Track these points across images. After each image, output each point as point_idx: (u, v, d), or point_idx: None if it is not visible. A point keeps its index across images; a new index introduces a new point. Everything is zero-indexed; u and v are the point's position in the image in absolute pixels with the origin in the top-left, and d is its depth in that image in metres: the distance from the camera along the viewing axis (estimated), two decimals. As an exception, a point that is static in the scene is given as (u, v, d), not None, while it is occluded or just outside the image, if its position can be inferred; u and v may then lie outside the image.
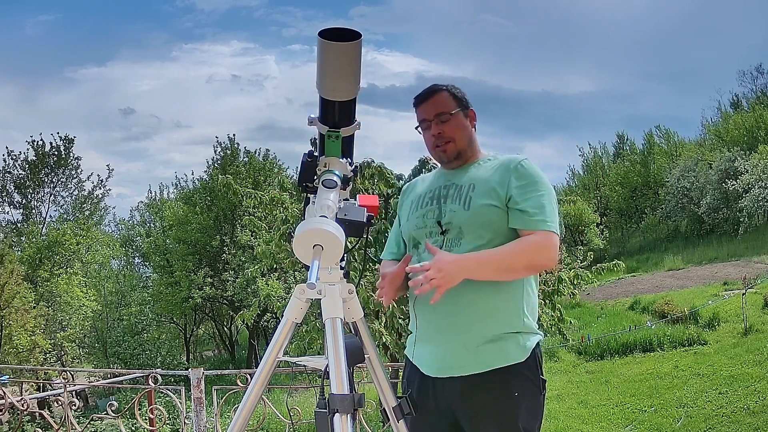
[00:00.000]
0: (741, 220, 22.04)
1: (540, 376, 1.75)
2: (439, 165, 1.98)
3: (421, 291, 1.61)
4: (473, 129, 1.89)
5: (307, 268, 1.38)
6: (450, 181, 1.86)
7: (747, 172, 22.16)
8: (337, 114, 1.62)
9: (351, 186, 1.68)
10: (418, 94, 1.87)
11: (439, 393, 1.76)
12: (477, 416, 1.72)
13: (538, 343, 1.78)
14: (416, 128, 1.88)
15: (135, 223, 25.05)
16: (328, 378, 1.44)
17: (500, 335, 1.72)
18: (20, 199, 19.28)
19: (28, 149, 19.15)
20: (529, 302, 1.79)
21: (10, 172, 19.09)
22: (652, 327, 12.72)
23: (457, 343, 1.73)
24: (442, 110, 1.82)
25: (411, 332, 1.91)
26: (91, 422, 6.87)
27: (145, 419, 4.29)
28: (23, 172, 19.21)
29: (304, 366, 1.79)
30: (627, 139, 34.49)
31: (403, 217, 1.96)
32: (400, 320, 6.81)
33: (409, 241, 1.90)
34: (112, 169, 21.14)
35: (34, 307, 15.27)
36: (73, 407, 3.69)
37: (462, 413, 1.74)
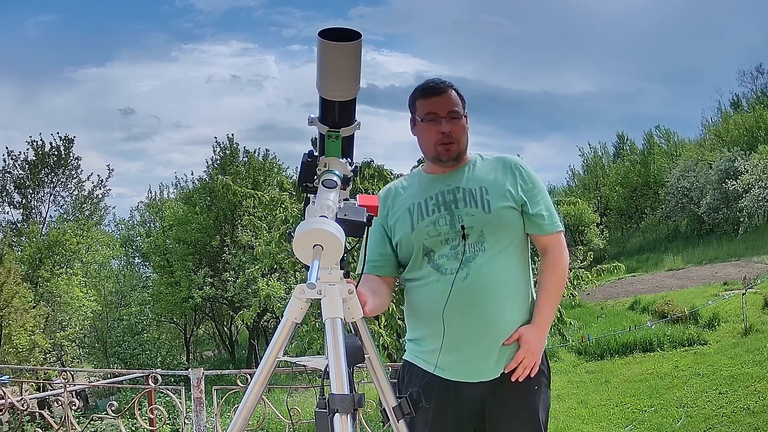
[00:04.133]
0: (741, 220, 22.05)
1: (549, 370, 1.86)
2: (418, 167, 2.00)
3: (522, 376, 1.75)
4: None
5: (307, 268, 1.38)
6: (450, 185, 1.84)
7: (747, 172, 22.18)
8: (337, 114, 1.62)
9: (351, 186, 1.68)
10: (429, 86, 1.84)
11: (464, 397, 1.78)
12: (503, 413, 1.77)
13: None
14: (419, 119, 1.84)
15: (135, 223, 25.06)
16: (328, 378, 1.44)
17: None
18: (20, 199, 19.29)
19: (27, 149, 19.19)
20: (533, 297, 1.87)
21: (10, 172, 19.12)
22: (652, 327, 12.72)
23: (490, 347, 1.76)
24: (455, 108, 1.82)
25: (420, 341, 1.87)
26: (91, 422, 6.86)
27: (145, 419, 4.29)
28: (23, 172, 19.22)
29: (304, 366, 1.79)
30: (627, 139, 34.57)
31: (401, 228, 1.88)
32: (399, 321, 6.81)
33: (420, 251, 1.84)
34: (112, 170, 21.16)
35: (34, 307, 15.28)
36: (73, 407, 3.69)
37: (488, 411, 1.78)
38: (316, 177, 1.63)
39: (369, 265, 1.91)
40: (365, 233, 1.63)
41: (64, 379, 3.99)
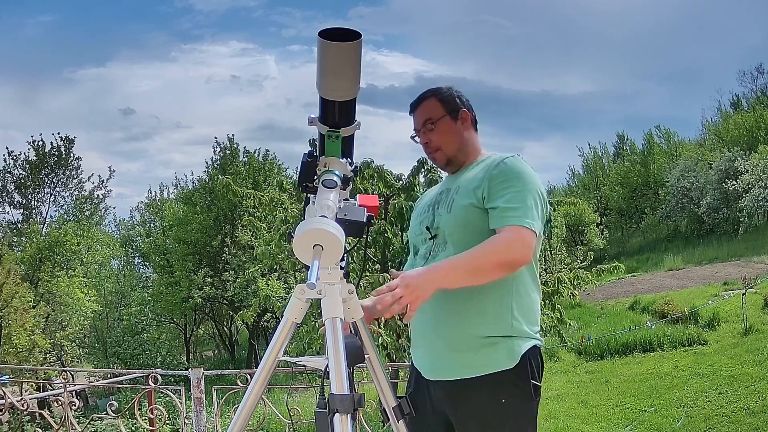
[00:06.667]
0: (741, 220, 22.05)
1: (531, 382, 1.69)
2: (434, 166, 2.04)
3: (391, 313, 1.56)
4: (472, 130, 1.87)
5: (307, 268, 1.38)
6: (447, 186, 1.87)
7: (747, 172, 22.17)
8: (337, 114, 1.62)
9: (351, 186, 1.68)
10: (411, 103, 1.87)
11: (433, 395, 1.78)
12: (464, 421, 1.71)
13: (535, 347, 1.72)
14: (411, 137, 1.88)
15: (135, 223, 25.08)
16: (328, 378, 1.44)
17: (488, 339, 1.68)
18: (20, 199, 19.30)
19: (28, 149, 19.20)
20: (520, 303, 1.72)
21: (10, 172, 19.12)
22: (652, 327, 12.72)
23: (443, 346, 1.73)
24: (427, 118, 1.83)
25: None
26: (91, 422, 6.87)
27: (145, 419, 4.29)
28: (23, 172, 19.22)
29: (304, 366, 1.79)
30: (627, 139, 34.58)
31: (410, 224, 2.02)
32: (399, 321, 6.80)
33: (412, 247, 1.94)
34: (114, 171, 21.20)
35: (34, 307, 15.27)
36: (73, 407, 3.69)
37: (451, 415, 1.75)
38: (316, 177, 1.64)
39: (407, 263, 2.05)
40: (365, 233, 1.63)
41: (64, 379, 3.99)
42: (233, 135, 22.34)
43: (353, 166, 1.71)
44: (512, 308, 1.71)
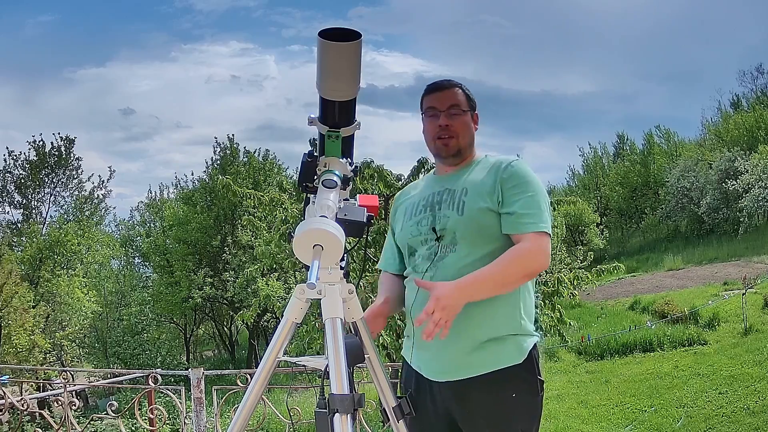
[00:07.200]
0: (741, 220, 22.04)
1: (537, 377, 1.73)
2: (434, 166, 1.99)
3: (431, 337, 1.58)
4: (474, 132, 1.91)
5: (307, 268, 1.38)
6: (444, 186, 1.85)
7: (747, 172, 22.17)
8: (337, 114, 1.62)
9: (351, 186, 1.68)
10: (434, 83, 1.88)
11: (436, 395, 1.77)
12: (473, 418, 1.72)
13: (535, 344, 1.77)
14: (422, 113, 1.88)
15: (135, 223, 25.06)
16: (328, 378, 1.44)
17: (496, 338, 1.72)
18: (20, 199, 19.28)
19: (28, 149, 19.17)
20: (526, 305, 1.78)
21: (10, 172, 19.09)
22: (652, 327, 12.72)
23: (455, 348, 1.73)
24: (455, 103, 1.83)
25: (407, 336, 1.90)
26: (91, 422, 6.87)
27: (145, 419, 4.29)
28: (23, 172, 19.21)
29: (304, 366, 1.79)
30: (627, 139, 34.55)
31: (397, 226, 1.97)
32: (399, 321, 6.81)
33: (405, 250, 1.91)
34: (114, 171, 21.18)
35: (34, 307, 15.27)
36: (73, 407, 3.69)
37: (459, 415, 1.74)
38: (316, 177, 1.64)
39: (382, 262, 2.02)
40: (365, 233, 1.63)
41: (64, 379, 3.99)
42: (233, 135, 22.35)
43: (353, 166, 1.71)
44: (520, 309, 1.77)
